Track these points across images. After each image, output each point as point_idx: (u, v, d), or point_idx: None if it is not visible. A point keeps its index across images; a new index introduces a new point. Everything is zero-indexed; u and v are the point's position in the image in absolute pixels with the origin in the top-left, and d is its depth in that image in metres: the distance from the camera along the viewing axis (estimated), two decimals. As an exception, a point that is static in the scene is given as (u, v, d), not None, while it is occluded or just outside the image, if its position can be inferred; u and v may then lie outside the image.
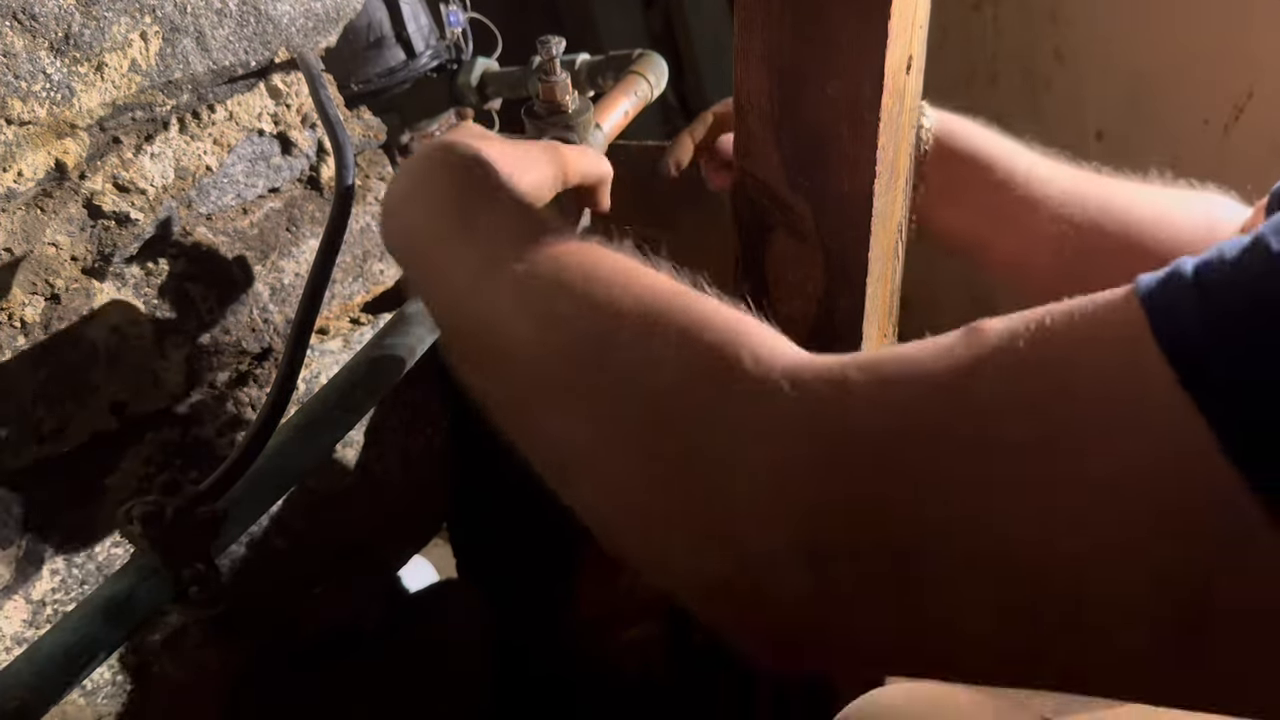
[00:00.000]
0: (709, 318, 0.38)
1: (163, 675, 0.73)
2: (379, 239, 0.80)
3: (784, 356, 0.35)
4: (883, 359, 0.33)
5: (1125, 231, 0.63)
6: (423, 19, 0.92)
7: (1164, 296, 0.28)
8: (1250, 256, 0.28)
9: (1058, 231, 0.64)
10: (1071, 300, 0.31)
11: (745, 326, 0.37)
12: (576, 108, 0.68)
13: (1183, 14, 1.06)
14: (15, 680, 0.45)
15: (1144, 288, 0.29)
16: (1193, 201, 0.65)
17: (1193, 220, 0.63)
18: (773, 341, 0.36)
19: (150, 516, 0.49)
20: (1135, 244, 0.63)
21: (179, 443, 0.70)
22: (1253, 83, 1.02)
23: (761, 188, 0.55)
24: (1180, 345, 0.27)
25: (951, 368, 0.31)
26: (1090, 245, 0.63)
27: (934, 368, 0.32)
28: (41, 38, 0.53)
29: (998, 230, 0.66)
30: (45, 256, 0.60)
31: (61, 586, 0.65)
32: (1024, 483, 0.29)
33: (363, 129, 0.80)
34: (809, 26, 0.48)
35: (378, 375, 0.59)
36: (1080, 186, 0.65)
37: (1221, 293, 0.27)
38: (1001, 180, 0.65)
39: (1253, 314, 0.26)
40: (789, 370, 0.34)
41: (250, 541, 0.76)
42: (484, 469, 1.00)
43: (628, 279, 0.41)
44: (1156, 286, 0.29)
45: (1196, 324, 0.27)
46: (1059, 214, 0.64)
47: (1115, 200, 0.64)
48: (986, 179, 0.65)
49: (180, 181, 0.67)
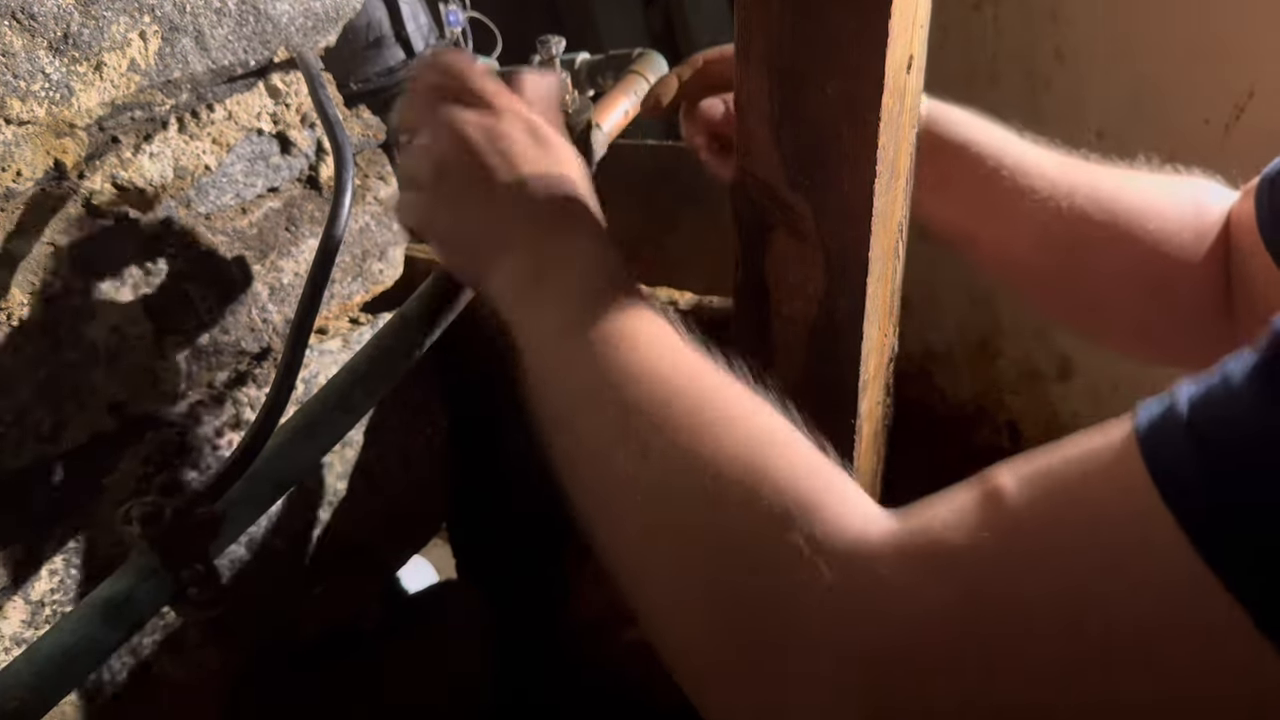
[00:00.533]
0: (780, 472, 0.39)
1: (163, 675, 0.73)
2: (379, 239, 0.80)
3: (849, 523, 0.36)
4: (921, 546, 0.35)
5: (1113, 220, 0.63)
6: (422, 18, 0.92)
7: (1162, 449, 0.30)
8: (1244, 390, 0.29)
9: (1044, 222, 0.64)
10: (1076, 446, 0.33)
11: (814, 482, 0.38)
12: (576, 107, 0.68)
13: (1183, 13, 1.05)
14: (15, 681, 0.45)
15: (1141, 431, 0.31)
16: (1180, 188, 0.65)
17: (1180, 207, 0.63)
18: (838, 500, 0.38)
19: (149, 517, 0.48)
20: (1123, 233, 0.63)
21: (178, 443, 0.70)
22: (1253, 82, 1.02)
23: (761, 187, 0.55)
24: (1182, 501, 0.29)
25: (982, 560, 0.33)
26: (1078, 235, 0.63)
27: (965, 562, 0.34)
28: (40, 37, 0.53)
29: (984, 222, 0.66)
30: (45, 256, 0.60)
31: (60, 587, 0.65)
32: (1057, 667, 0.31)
33: (362, 128, 0.80)
34: (809, 26, 0.48)
35: (377, 376, 0.59)
36: (1068, 175, 0.65)
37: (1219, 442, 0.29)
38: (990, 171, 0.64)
39: (1250, 462, 0.28)
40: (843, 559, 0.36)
41: (249, 542, 0.76)
42: (484, 469, 1.00)
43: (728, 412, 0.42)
44: (1153, 432, 0.31)
45: (1194, 476, 0.29)
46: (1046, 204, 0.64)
47: (1102, 189, 0.64)
48: (975, 171, 0.65)
49: (179, 181, 0.66)
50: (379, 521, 0.87)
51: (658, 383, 0.43)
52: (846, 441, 0.60)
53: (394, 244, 0.82)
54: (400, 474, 0.88)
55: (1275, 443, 0.28)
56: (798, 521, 0.36)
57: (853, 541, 0.36)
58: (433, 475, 0.92)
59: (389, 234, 0.81)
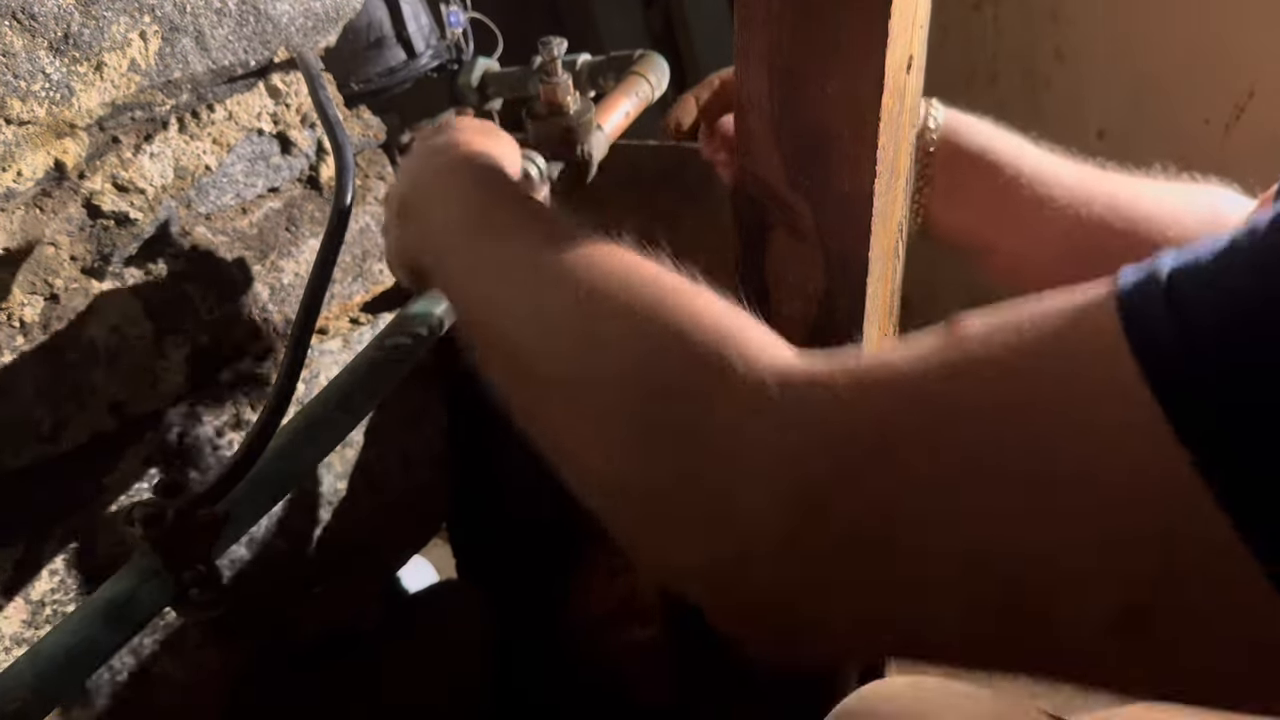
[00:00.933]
0: (701, 315, 0.39)
1: (163, 675, 0.73)
2: (379, 239, 0.80)
3: (773, 358, 0.36)
4: (866, 366, 0.34)
5: (1133, 229, 0.63)
6: (423, 19, 0.92)
7: (1140, 305, 0.29)
8: (1226, 260, 0.28)
9: (1063, 231, 0.64)
10: (1051, 300, 0.32)
11: (736, 326, 0.38)
12: (578, 108, 0.68)
13: (1184, 13, 1.06)
14: (16, 682, 0.45)
15: (1122, 289, 0.30)
16: (1197, 195, 0.65)
17: (1199, 216, 0.63)
18: (761, 341, 0.37)
19: (151, 518, 0.49)
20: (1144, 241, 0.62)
21: (178, 443, 0.70)
22: (1254, 82, 1.02)
23: (762, 187, 0.55)
24: (1154, 358, 0.28)
25: (931, 373, 0.33)
26: (1097, 244, 0.63)
27: (914, 374, 0.33)
28: (41, 37, 0.53)
29: (1003, 232, 0.66)
30: (45, 256, 0.60)
31: (61, 587, 0.65)
32: (997, 481, 0.30)
33: (362, 129, 0.80)
34: (809, 26, 0.48)
35: (378, 376, 0.59)
36: (1086, 184, 0.65)
37: (1194, 305, 0.28)
38: (1008, 180, 0.64)
39: (1223, 329, 0.27)
40: (778, 375, 0.35)
41: (250, 542, 0.76)
42: (484, 469, 1.00)
43: (626, 274, 0.42)
44: (1133, 292, 0.29)
45: (1170, 338, 0.28)
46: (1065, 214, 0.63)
47: (1120, 197, 0.64)
48: (994, 181, 0.65)
49: (179, 181, 0.67)
50: (379, 522, 0.87)
51: (554, 245, 0.44)
52: (847, 441, 0.60)
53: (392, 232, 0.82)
54: (400, 474, 0.88)
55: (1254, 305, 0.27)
56: (726, 354, 0.36)
57: (784, 364, 0.36)
58: (433, 475, 0.92)
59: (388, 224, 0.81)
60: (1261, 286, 0.27)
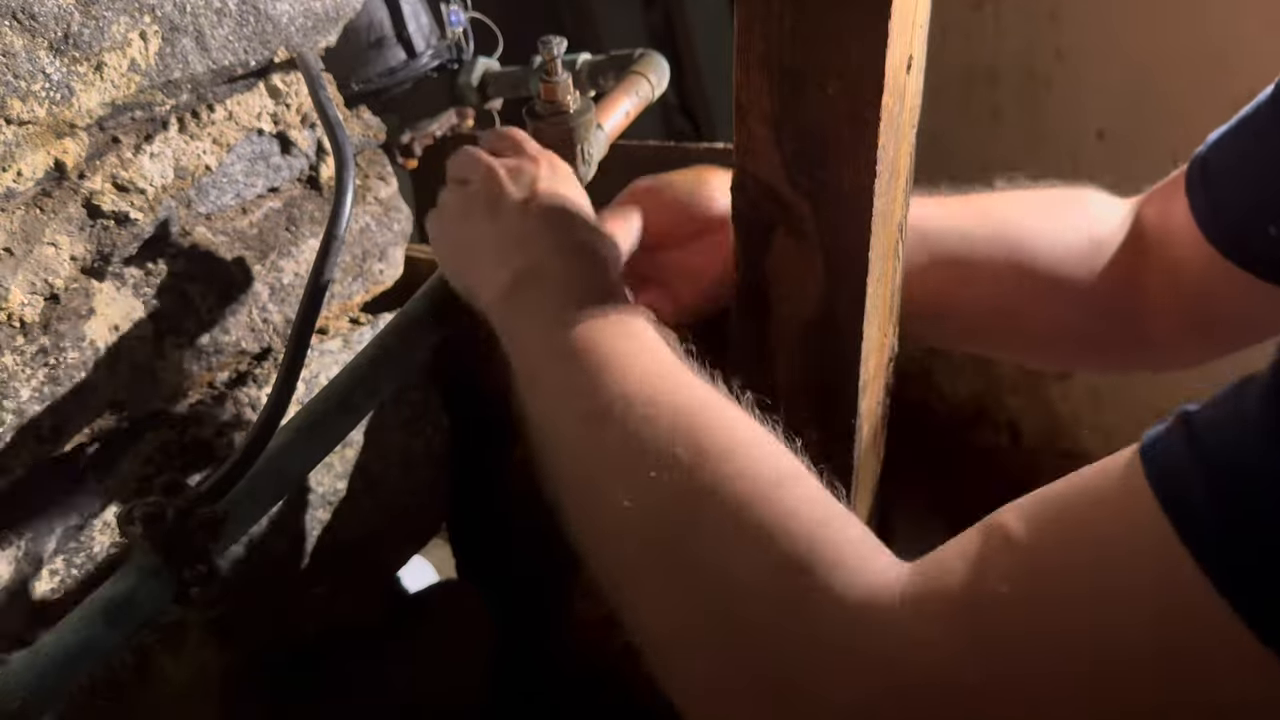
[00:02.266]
0: (794, 515, 0.38)
1: (163, 675, 0.73)
2: (379, 239, 0.80)
3: (862, 576, 0.36)
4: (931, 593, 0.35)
5: (1020, 252, 0.63)
6: (423, 18, 0.92)
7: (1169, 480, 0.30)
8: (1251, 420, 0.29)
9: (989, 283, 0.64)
10: (1080, 479, 0.33)
11: (828, 530, 0.38)
12: (578, 108, 0.68)
13: (1184, 13, 1.06)
14: (16, 681, 0.45)
15: (1148, 461, 0.31)
16: (1067, 204, 0.65)
17: (1070, 223, 0.63)
18: (853, 551, 0.37)
19: (151, 517, 0.49)
20: (1029, 260, 0.63)
21: (178, 443, 0.70)
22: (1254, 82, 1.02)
23: (762, 188, 0.55)
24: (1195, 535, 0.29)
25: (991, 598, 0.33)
26: (998, 281, 0.63)
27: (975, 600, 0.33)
28: (41, 37, 0.53)
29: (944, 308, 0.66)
30: (45, 256, 0.60)
31: (61, 586, 0.65)
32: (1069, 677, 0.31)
33: (362, 128, 0.80)
34: (809, 26, 0.48)
35: (378, 376, 0.59)
36: (975, 230, 0.64)
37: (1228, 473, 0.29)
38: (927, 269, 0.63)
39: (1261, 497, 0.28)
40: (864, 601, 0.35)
41: (250, 542, 0.76)
42: (485, 469, 1.00)
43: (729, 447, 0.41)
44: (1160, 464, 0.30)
45: (1206, 509, 0.29)
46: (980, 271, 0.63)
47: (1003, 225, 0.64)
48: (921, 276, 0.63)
49: (179, 181, 0.67)
50: (379, 521, 0.87)
51: (651, 406, 0.43)
52: (846, 441, 0.60)
53: (394, 244, 0.82)
54: (400, 474, 0.88)
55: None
56: (815, 567, 0.36)
57: (867, 590, 0.35)
58: (433, 475, 0.92)
59: (389, 234, 0.81)
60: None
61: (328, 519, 0.82)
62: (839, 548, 0.37)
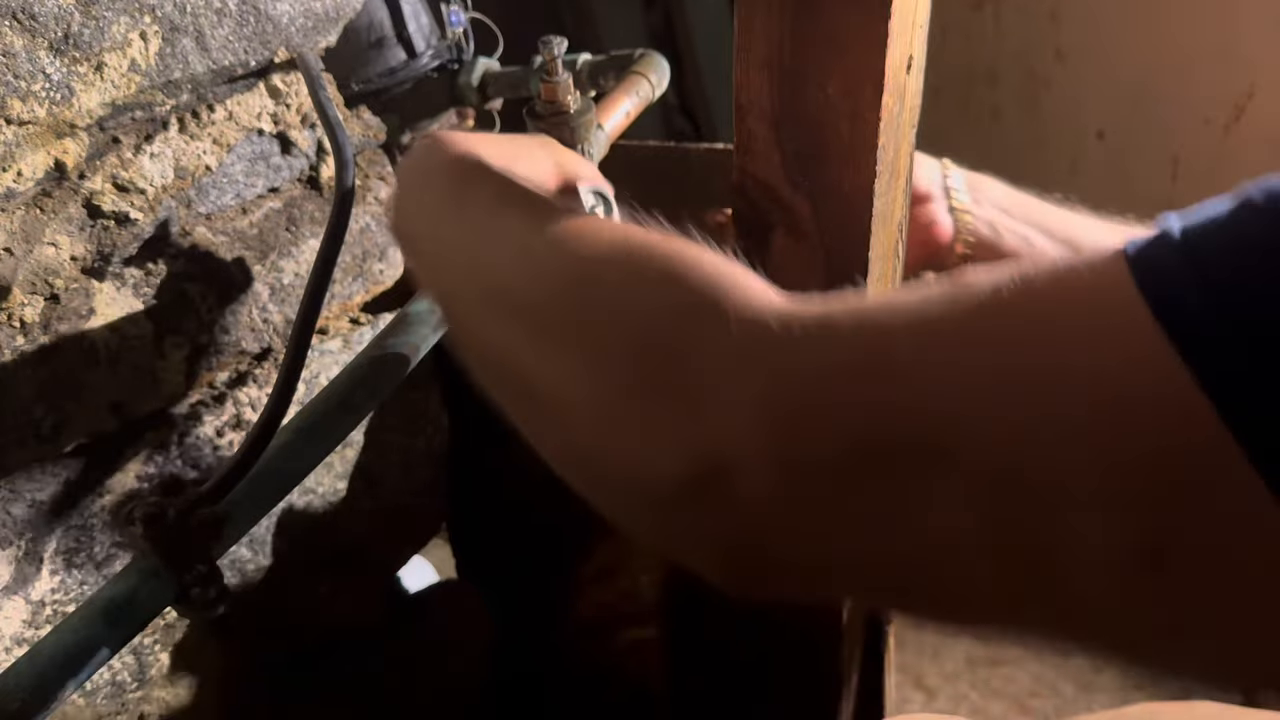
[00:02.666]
0: (700, 258, 0.39)
1: (163, 675, 0.73)
2: (379, 239, 0.80)
3: (771, 299, 0.36)
4: (868, 304, 0.34)
5: None
6: (424, 18, 0.92)
7: (1152, 258, 0.29)
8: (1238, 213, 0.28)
9: None
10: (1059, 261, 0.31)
11: (734, 269, 0.38)
12: (578, 108, 0.68)
13: (1183, 14, 1.06)
14: (16, 682, 0.45)
15: (1129, 248, 0.29)
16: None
17: None
18: (760, 285, 0.37)
19: (152, 518, 0.49)
20: None
21: (178, 443, 0.70)
22: (1253, 82, 1.02)
23: (761, 187, 0.55)
24: (1169, 304, 0.27)
25: (937, 305, 0.32)
26: None
27: (918, 305, 0.33)
28: (41, 37, 0.53)
29: None
30: (45, 256, 0.60)
31: (61, 587, 0.65)
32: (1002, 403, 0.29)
33: (362, 129, 0.80)
34: (809, 26, 0.48)
35: (379, 376, 0.59)
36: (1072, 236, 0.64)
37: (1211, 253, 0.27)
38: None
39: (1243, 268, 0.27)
40: (776, 310, 0.35)
41: (250, 542, 0.76)
42: (484, 469, 1.00)
43: (614, 229, 0.42)
44: (1145, 247, 0.29)
45: (1184, 279, 0.27)
46: None
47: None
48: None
49: (180, 181, 0.67)
50: (379, 521, 0.87)
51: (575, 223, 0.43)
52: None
53: (394, 244, 0.82)
54: (401, 474, 0.88)
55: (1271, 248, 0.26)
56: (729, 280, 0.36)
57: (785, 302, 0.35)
58: (433, 475, 0.92)
59: (389, 234, 0.81)
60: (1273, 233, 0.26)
61: (328, 519, 0.82)
62: (746, 280, 0.37)
